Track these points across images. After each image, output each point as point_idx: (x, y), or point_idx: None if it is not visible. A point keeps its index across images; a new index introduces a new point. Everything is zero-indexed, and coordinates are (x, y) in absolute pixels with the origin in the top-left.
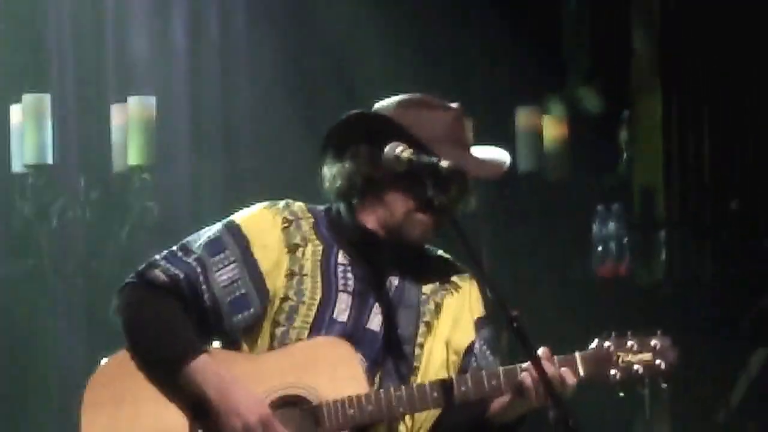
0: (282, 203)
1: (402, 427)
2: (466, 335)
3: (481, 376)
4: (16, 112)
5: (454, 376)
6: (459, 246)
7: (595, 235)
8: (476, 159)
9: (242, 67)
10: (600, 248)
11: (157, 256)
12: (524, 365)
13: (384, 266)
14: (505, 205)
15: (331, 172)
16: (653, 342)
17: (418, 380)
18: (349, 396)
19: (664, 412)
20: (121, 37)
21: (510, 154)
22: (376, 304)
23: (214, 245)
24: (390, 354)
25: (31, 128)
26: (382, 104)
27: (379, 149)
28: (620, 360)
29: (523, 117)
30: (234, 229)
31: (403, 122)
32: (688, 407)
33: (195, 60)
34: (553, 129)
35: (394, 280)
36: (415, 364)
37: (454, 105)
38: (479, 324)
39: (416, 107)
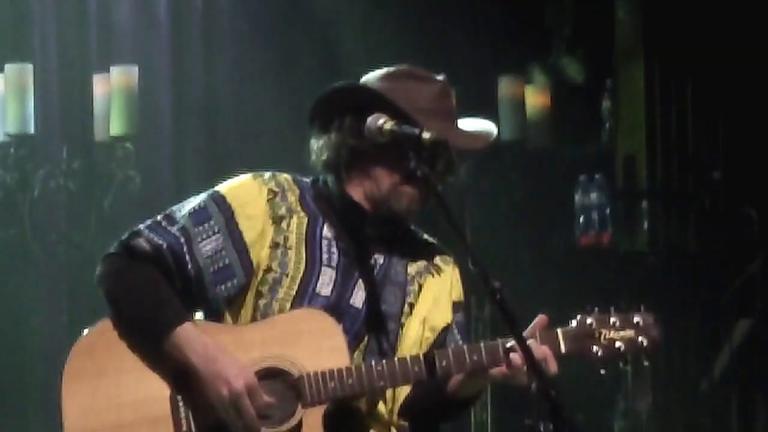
0: (268, 174)
1: (381, 401)
2: (444, 315)
3: (462, 350)
4: None
5: (435, 351)
6: (442, 217)
7: (578, 204)
8: (461, 131)
9: (225, 37)
10: (582, 218)
11: (141, 225)
12: (506, 340)
13: (370, 242)
14: (487, 175)
15: (317, 144)
16: (636, 319)
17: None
18: (330, 369)
19: (646, 383)
20: (103, 6)
21: (492, 123)
22: (360, 279)
23: (199, 215)
24: (372, 330)
25: (14, 98)
26: (369, 76)
27: (364, 121)
28: (602, 337)
29: (505, 86)
30: (219, 199)
31: (388, 94)
32: (670, 377)
33: (178, 29)
34: (535, 98)
35: (380, 258)
36: (396, 342)
37: (439, 77)
38: (455, 308)
39: (402, 79)
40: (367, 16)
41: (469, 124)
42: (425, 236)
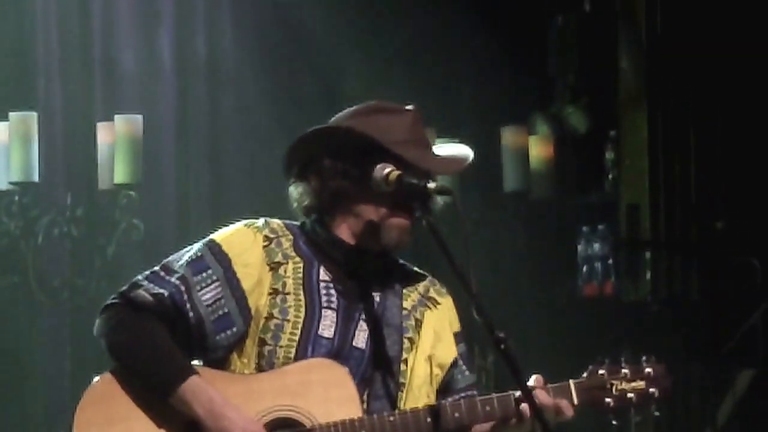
0: (261, 221)
1: None
2: (449, 350)
3: (475, 402)
4: (2, 130)
5: (448, 403)
6: (446, 267)
7: (581, 254)
8: (439, 157)
9: (229, 85)
10: (585, 268)
11: (140, 277)
12: (518, 393)
13: (365, 281)
14: (490, 225)
15: (297, 190)
16: (647, 369)
17: (405, 396)
18: (342, 419)
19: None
20: (108, 55)
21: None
22: (361, 320)
23: (197, 264)
24: (377, 371)
25: (18, 146)
26: (339, 116)
27: (343, 162)
28: (614, 388)
29: (509, 136)
30: (215, 248)
31: (363, 130)
32: (673, 427)
33: (182, 78)
34: (539, 148)
35: (376, 296)
36: (401, 380)
37: (409, 107)
38: (457, 338)
39: (374, 114)
40: (371, 65)
41: (444, 149)
42: (415, 269)
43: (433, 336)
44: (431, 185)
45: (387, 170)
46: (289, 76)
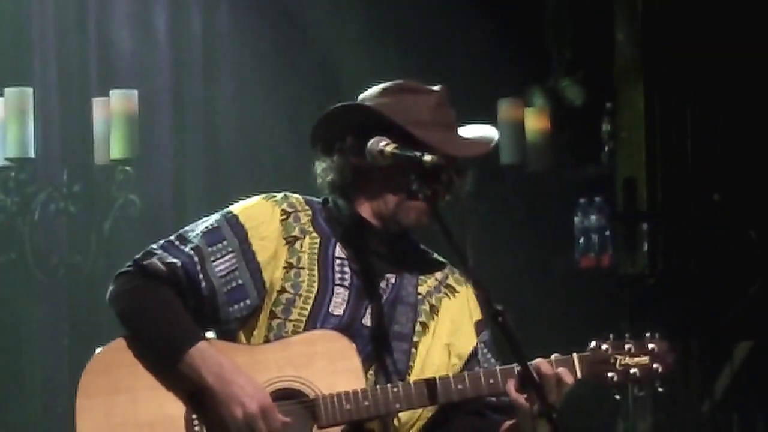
0: (280, 195)
1: (396, 422)
2: (468, 340)
3: (478, 374)
4: None
5: (451, 375)
6: (444, 240)
7: (578, 226)
8: (462, 139)
9: (225, 60)
10: (582, 240)
11: (154, 245)
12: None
13: (382, 262)
14: (487, 197)
15: (321, 166)
16: (651, 345)
17: (412, 379)
18: (345, 391)
19: (647, 404)
20: (103, 30)
21: (494, 127)
22: (374, 300)
23: (212, 235)
24: (384, 351)
25: (14, 122)
26: (366, 94)
27: (365, 141)
28: (618, 363)
29: (505, 109)
30: (232, 220)
31: (386, 110)
32: (671, 398)
33: (178, 53)
34: (535, 121)
35: (391, 278)
36: (409, 363)
37: (436, 88)
38: (478, 327)
39: (399, 93)
40: (367, 39)
41: (469, 130)
42: (435, 255)
43: (451, 325)
44: (427, 158)
45: (382, 143)
46: (284, 50)
